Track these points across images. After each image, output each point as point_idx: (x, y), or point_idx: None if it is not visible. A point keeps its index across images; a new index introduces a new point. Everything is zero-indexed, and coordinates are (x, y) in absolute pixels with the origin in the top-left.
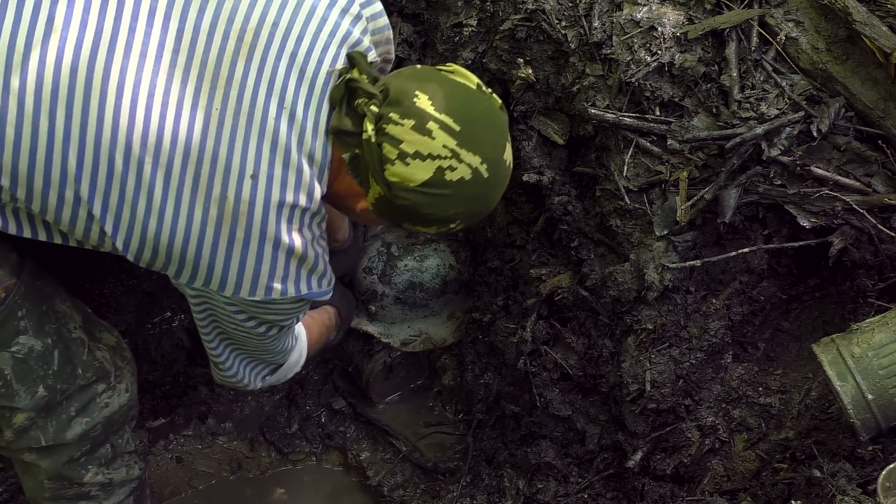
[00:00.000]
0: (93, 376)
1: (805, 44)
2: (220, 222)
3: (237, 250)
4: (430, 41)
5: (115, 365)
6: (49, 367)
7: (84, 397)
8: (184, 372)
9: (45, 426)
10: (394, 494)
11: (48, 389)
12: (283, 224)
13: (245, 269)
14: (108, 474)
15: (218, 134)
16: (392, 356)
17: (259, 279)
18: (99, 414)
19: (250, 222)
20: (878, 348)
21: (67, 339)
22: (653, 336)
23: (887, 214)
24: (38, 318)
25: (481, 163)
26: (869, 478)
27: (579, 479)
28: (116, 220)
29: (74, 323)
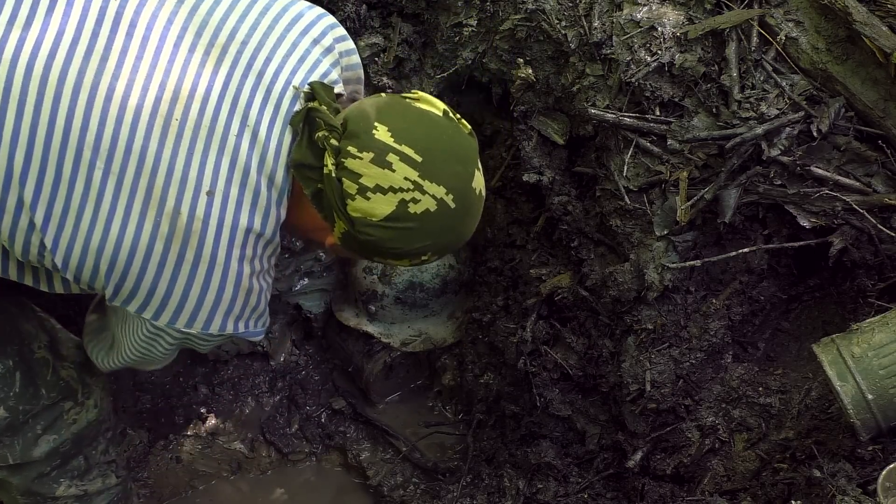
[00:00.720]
0: (58, 396)
1: (805, 44)
2: (171, 239)
3: (184, 273)
4: (430, 41)
5: (82, 382)
6: (10, 388)
7: (50, 416)
8: (184, 372)
9: (12, 445)
10: (394, 494)
11: (9, 410)
12: (234, 250)
13: (188, 297)
14: (82, 486)
15: (176, 145)
16: (392, 356)
17: (200, 311)
18: (66, 431)
19: (202, 243)
20: (878, 348)
21: (30, 360)
22: (653, 336)
23: (887, 214)
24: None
25: (446, 193)
26: (869, 478)
27: (579, 479)
28: (58, 232)
29: (39, 342)
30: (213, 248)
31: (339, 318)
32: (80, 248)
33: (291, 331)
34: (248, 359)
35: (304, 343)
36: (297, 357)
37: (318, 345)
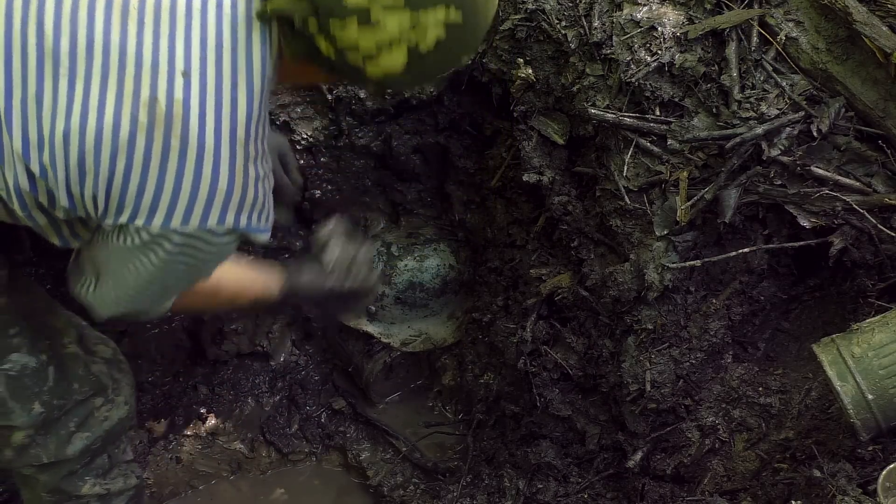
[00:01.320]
0: (90, 390)
1: (805, 44)
2: (152, 129)
3: (172, 164)
4: None
5: (111, 378)
6: (44, 383)
7: (82, 412)
8: (184, 372)
9: (45, 443)
10: (394, 494)
11: (44, 406)
12: (223, 133)
13: (181, 190)
14: (106, 485)
15: (139, 33)
16: (392, 356)
17: (195, 204)
18: (99, 428)
19: (186, 129)
20: (878, 348)
21: (62, 355)
22: (653, 336)
23: (887, 214)
24: (31, 335)
25: (446, 11)
26: (869, 478)
27: (579, 479)
28: (39, 142)
29: (69, 338)
30: (200, 134)
31: (339, 318)
32: (61, 159)
33: (291, 331)
34: (248, 359)
35: (304, 343)
36: (297, 357)
37: (318, 345)
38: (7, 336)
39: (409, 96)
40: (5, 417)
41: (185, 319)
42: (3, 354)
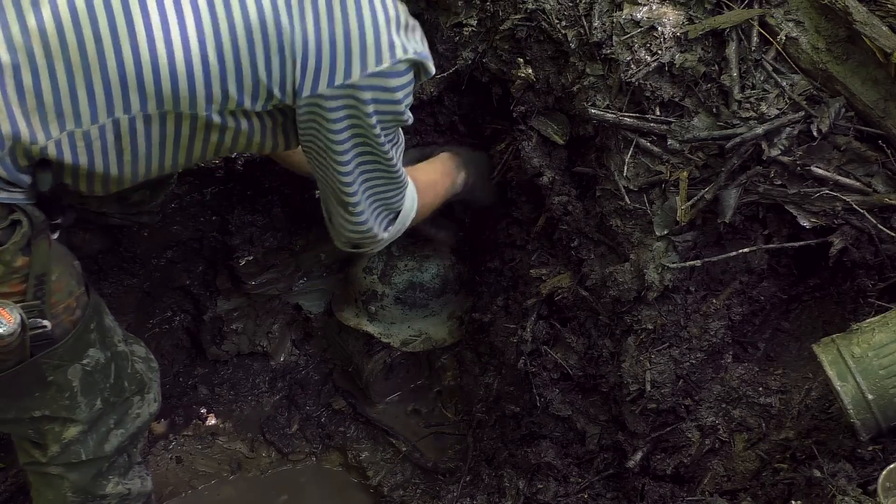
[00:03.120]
0: (135, 388)
1: (805, 44)
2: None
3: (351, 6)
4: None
5: (148, 376)
6: (108, 380)
7: (122, 409)
8: (184, 372)
9: (87, 441)
10: (394, 494)
11: (104, 402)
12: None
13: (364, 28)
14: (127, 485)
15: None
16: (392, 356)
17: (380, 36)
18: (132, 425)
19: None
20: (878, 348)
21: (115, 353)
22: (653, 336)
23: (887, 214)
24: (101, 331)
25: None
26: (869, 478)
27: (579, 479)
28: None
29: (118, 336)
30: None
31: (339, 318)
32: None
33: (291, 331)
34: (248, 359)
35: (304, 343)
36: (297, 357)
37: (318, 345)
38: (89, 330)
39: None
40: (70, 411)
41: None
42: (83, 349)
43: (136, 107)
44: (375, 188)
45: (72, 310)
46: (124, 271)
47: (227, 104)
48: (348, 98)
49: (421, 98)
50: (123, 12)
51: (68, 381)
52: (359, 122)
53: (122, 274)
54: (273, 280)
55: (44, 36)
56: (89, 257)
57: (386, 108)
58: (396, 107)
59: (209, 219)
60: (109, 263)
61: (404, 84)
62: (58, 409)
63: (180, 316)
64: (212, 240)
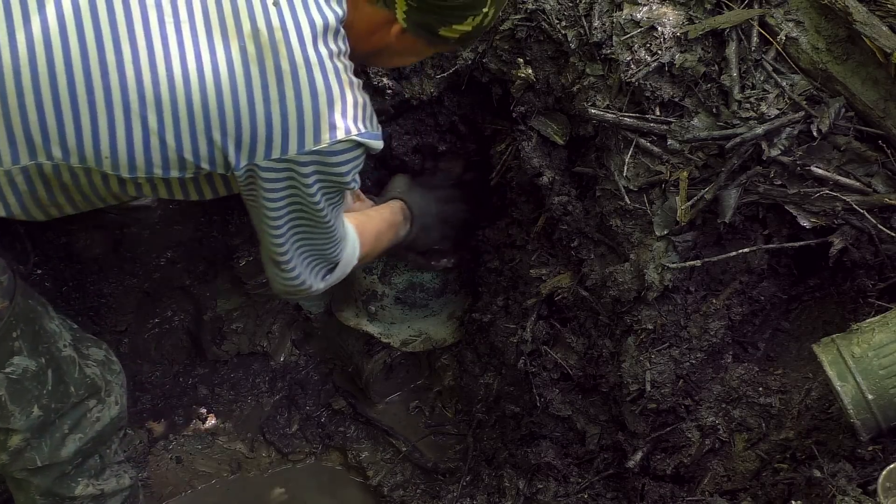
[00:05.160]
0: (84, 393)
1: (805, 44)
2: (262, 58)
3: (288, 86)
4: None
5: (104, 379)
6: (43, 386)
7: (76, 414)
8: (184, 372)
9: (40, 446)
10: (394, 494)
11: (43, 409)
12: (320, 47)
13: (303, 109)
14: (99, 485)
15: None
16: (392, 356)
17: (320, 118)
18: (91, 429)
19: (290, 48)
20: (878, 348)
21: (59, 358)
22: (653, 336)
23: (887, 214)
24: (32, 338)
25: None
26: (869, 478)
27: (579, 479)
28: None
29: (63, 341)
30: (302, 50)
31: (339, 318)
32: (199, 111)
33: (291, 331)
34: (248, 359)
35: (304, 343)
36: (297, 357)
37: (318, 345)
38: (10, 339)
39: (409, 97)
40: (4, 420)
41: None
42: (5, 357)
43: (58, 157)
44: (310, 245)
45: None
46: (124, 271)
47: (153, 172)
48: (286, 170)
49: (421, 98)
50: (48, 72)
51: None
52: (296, 192)
53: (122, 274)
54: None
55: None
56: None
57: (329, 179)
58: (341, 178)
59: (209, 219)
60: (109, 263)
61: (347, 159)
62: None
63: (180, 316)
64: (212, 240)
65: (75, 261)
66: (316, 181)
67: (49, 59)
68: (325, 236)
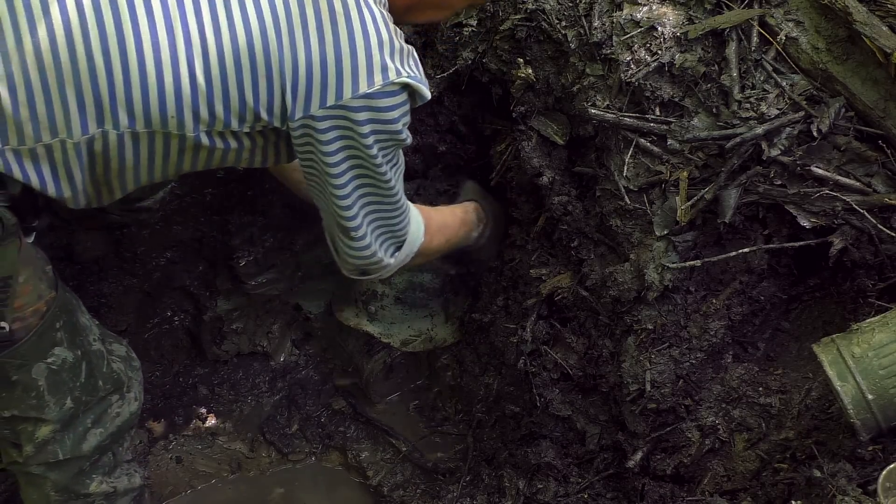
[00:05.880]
0: (111, 388)
1: (805, 44)
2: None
3: (342, 26)
4: (430, 41)
5: (127, 375)
6: (77, 378)
7: (99, 409)
8: (184, 372)
9: (63, 440)
10: (394, 494)
11: (75, 401)
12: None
13: (356, 49)
14: (112, 483)
15: None
16: (392, 356)
17: (373, 58)
18: (111, 424)
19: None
20: (878, 348)
21: (90, 352)
22: (653, 336)
23: (887, 214)
24: (71, 330)
25: None
26: (869, 478)
27: (579, 479)
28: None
29: (93, 335)
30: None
31: (339, 318)
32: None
33: (291, 331)
34: (248, 359)
35: (304, 343)
36: (297, 357)
37: (318, 345)
38: (53, 329)
39: None
40: (39, 410)
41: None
42: (48, 348)
43: (124, 123)
44: (377, 213)
45: (41, 313)
46: (124, 271)
47: (215, 125)
48: (341, 119)
49: None
50: (116, 33)
51: (33, 381)
52: (353, 144)
53: (122, 274)
54: (273, 280)
55: (38, 52)
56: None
57: (383, 128)
58: (393, 126)
59: (209, 219)
60: (109, 263)
61: (397, 104)
62: (26, 408)
63: (180, 316)
64: (212, 240)
65: (75, 261)
66: (371, 131)
67: (115, 19)
68: (391, 202)
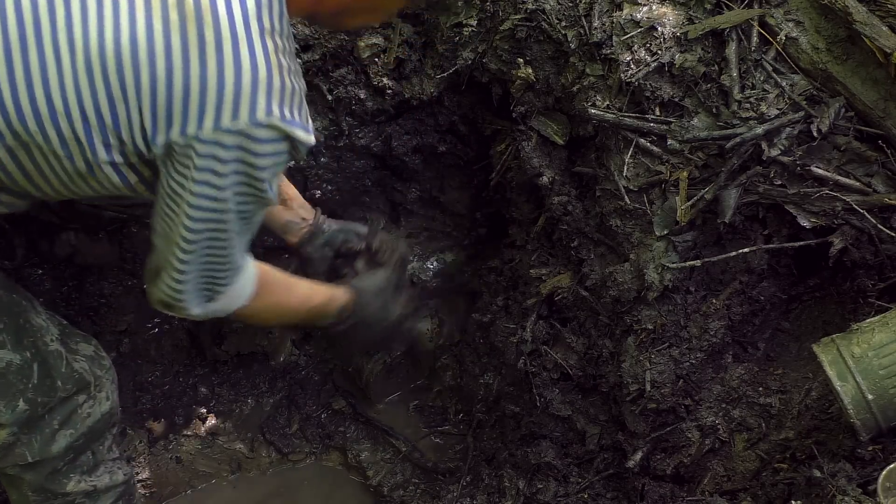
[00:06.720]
0: (73, 388)
1: (805, 44)
2: (185, 26)
3: (211, 57)
4: (430, 41)
5: (93, 374)
6: (28, 380)
7: (66, 409)
8: (184, 372)
9: (30, 442)
10: (394, 494)
11: (29, 403)
12: (251, 21)
13: (224, 82)
14: (92, 482)
15: None
16: (392, 356)
17: (241, 95)
18: (82, 425)
19: (216, 19)
20: (878, 348)
21: (45, 352)
22: (653, 336)
23: (887, 214)
24: (16, 332)
25: None
26: (869, 478)
27: (579, 479)
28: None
29: (51, 335)
30: (230, 22)
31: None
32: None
33: (291, 331)
34: (248, 359)
35: (304, 343)
36: (297, 357)
37: (318, 345)
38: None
39: (409, 97)
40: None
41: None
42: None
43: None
44: (210, 262)
45: None
46: (124, 271)
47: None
48: (210, 144)
49: (421, 98)
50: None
51: None
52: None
53: (122, 274)
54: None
55: None
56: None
57: (247, 171)
58: (258, 171)
59: None
60: (109, 263)
61: (268, 153)
62: None
63: None
64: None
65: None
66: (233, 171)
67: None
68: (225, 254)
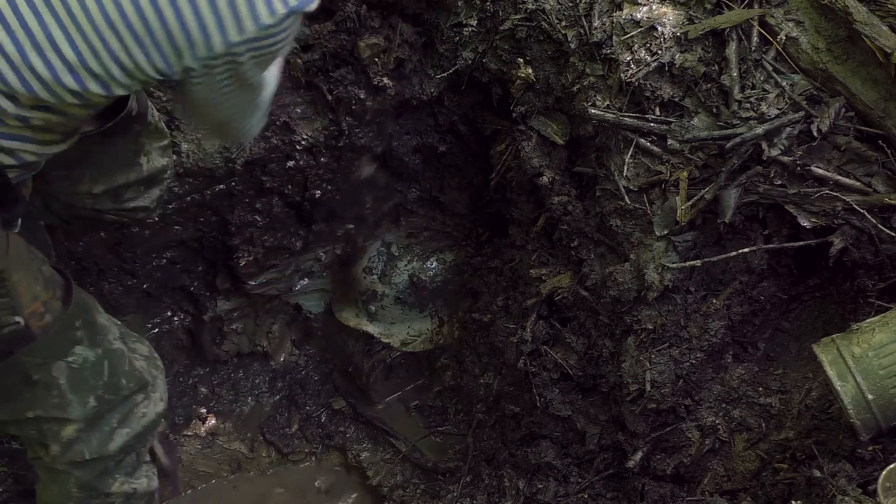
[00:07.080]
0: (135, 386)
1: (805, 44)
2: None
3: None
4: (430, 41)
5: (150, 374)
6: (100, 377)
7: (125, 408)
8: (184, 372)
9: (89, 439)
10: (394, 494)
11: (98, 400)
12: None
13: None
14: (133, 484)
15: None
16: (392, 356)
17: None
18: (138, 424)
19: None
20: (878, 348)
21: (111, 351)
22: (653, 336)
23: (887, 214)
24: (91, 330)
25: None
26: (869, 478)
27: (579, 479)
28: None
29: (113, 335)
30: None
31: (339, 318)
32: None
33: (291, 331)
34: (248, 359)
35: (304, 343)
36: (297, 357)
37: (318, 345)
38: (73, 328)
39: (409, 97)
40: (62, 409)
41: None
42: (68, 346)
43: None
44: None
45: (39, 315)
46: (124, 271)
47: None
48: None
49: (421, 98)
50: None
51: (54, 379)
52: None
53: (122, 274)
54: (273, 280)
55: None
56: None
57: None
58: (271, 52)
59: (209, 219)
60: (109, 263)
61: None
62: (49, 407)
63: (180, 316)
64: (212, 240)
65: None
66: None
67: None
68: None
